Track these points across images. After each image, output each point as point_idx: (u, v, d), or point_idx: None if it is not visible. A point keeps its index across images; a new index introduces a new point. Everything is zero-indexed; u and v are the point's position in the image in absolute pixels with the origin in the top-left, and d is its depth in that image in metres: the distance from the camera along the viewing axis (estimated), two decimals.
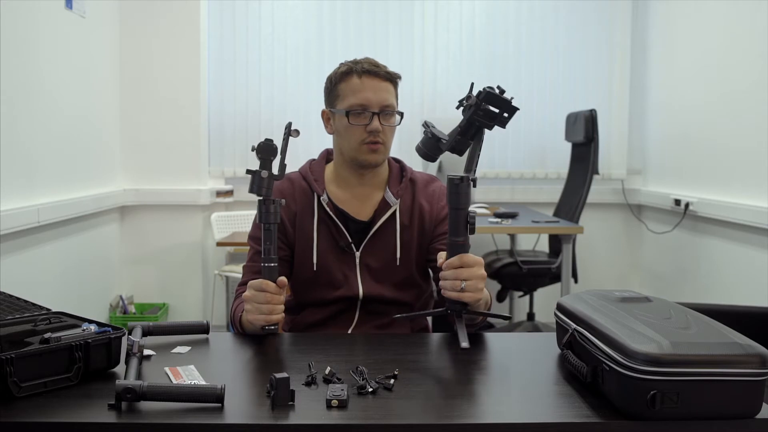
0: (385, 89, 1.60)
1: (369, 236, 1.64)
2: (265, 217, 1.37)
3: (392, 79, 1.62)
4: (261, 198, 1.37)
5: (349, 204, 1.67)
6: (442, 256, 1.36)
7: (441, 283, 1.34)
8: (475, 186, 1.33)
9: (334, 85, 1.64)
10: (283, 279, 1.39)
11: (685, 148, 3.76)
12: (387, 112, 1.60)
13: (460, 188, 1.31)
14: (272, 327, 1.40)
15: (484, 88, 1.31)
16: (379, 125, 1.58)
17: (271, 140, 1.37)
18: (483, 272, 1.33)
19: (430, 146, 1.39)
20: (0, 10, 2.65)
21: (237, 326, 1.55)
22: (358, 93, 1.58)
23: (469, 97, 1.32)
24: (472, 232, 1.32)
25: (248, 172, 1.37)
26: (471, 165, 1.34)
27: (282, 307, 1.41)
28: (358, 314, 1.65)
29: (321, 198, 1.64)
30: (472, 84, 1.34)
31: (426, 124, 1.41)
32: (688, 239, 3.70)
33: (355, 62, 1.62)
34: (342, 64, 1.64)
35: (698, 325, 1.12)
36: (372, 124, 1.58)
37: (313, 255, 1.63)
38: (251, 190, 1.37)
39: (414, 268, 1.66)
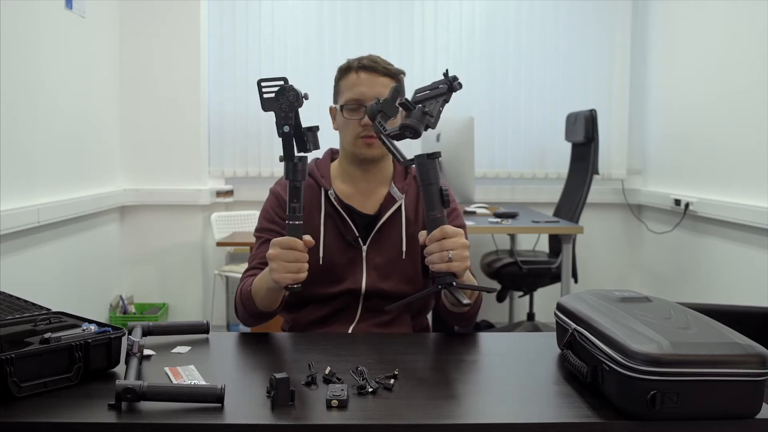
0: (382, 84, 1.61)
1: (375, 230, 1.64)
2: (293, 175, 1.34)
3: (392, 74, 1.64)
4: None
5: (354, 199, 1.68)
6: (422, 234, 1.37)
7: (428, 258, 1.34)
8: (440, 161, 1.39)
9: (336, 82, 1.68)
10: (309, 238, 1.38)
11: (685, 148, 3.76)
12: None
13: (428, 164, 1.35)
14: (297, 285, 1.37)
15: (456, 77, 1.35)
16: None
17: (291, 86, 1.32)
18: (465, 241, 1.35)
19: (423, 122, 1.37)
20: (0, 10, 2.65)
21: (245, 301, 1.54)
22: (353, 88, 1.62)
23: (455, 79, 1.36)
24: (447, 205, 1.35)
25: (305, 129, 1.33)
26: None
27: (307, 265, 1.38)
28: (360, 310, 1.65)
29: (329, 192, 1.65)
30: (447, 70, 1.38)
31: (411, 102, 1.38)
32: (688, 239, 3.70)
33: (357, 59, 1.65)
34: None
35: (698, 325, 1.12)
36: (365, 118, 1.59)
37: (319, 249, 1.64)
38: (308, 149, 1.34)
39: (419, 263, 1.67)
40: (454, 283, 1.33)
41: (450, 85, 1.35)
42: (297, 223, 1.35)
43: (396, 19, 4.21)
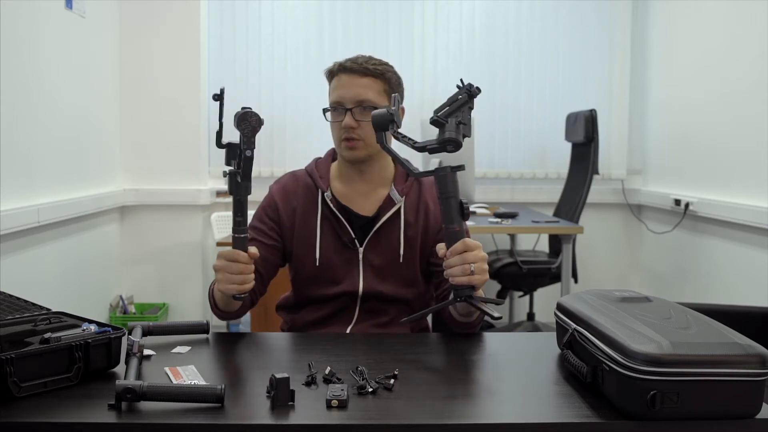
0: (361, 84, 1.61)
1: (372, 232, 1.64)
2: (237, 191, 1.37)
3: (372, 73, 1.62)
4: (231, 170, 1.36)
5: (352, 200, 1.68)
6: (441, 247, 1.38)
7: (448, 271, 1.35)
8: (462, 170, 1.38)
9: (328, 84, 1.69)
10: (254, 250, 1.39)
11: (685, 148, 3.76)
12: (362, 107, 1.60)
13: (450, 177, 1.35)
14: (244, 295, 1.41)
15: (471, 84, 1.37)
16: (352, 121, 1.60)
17: (250, 109, 1.36)
18: (485, 254, 1.38)
19: (460, 132, 1.37)
20: (0, 10, 2.65)
21: (210, 300, 1.58)
22: (334, 91, 1.64)
23: (472, 86, 1.37)
24: (466, 218, 1.36)
25: (222, 146, 1.38)
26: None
27: (253, 276, 1.41)
28: (358, 312, 1.66)
29: (325, 194, 1.65)
30: (462, 80, 1.39)
31: (443, 117, 1.36)
32: (688, 239, 3.70)
33: (342, 60, 1.65)
34: None
35: (698, 325, 1.12)
36: (344, 120, 1.60)
37: (316, 251, 1.64)
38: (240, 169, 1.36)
39: (417, 266, 1.66)
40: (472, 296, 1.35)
41: (469, 92, 1.36)
42: (242, 236, 1.38)
43: (396, 19, 4.21)
